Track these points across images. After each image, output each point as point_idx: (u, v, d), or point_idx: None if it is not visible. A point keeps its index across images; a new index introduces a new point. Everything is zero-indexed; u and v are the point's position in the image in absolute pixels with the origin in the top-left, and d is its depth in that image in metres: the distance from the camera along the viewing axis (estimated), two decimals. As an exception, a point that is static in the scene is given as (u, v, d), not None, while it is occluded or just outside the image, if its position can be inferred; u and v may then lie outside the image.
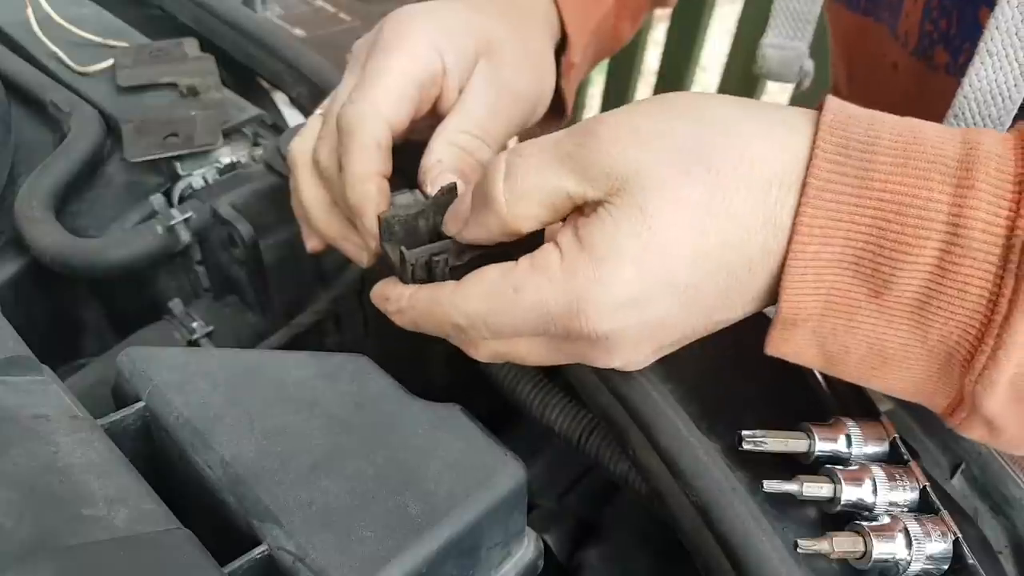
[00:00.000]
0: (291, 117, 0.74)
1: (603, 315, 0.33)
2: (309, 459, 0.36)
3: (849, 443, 0.37)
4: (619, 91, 1.84)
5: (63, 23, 0.68)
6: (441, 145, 0.44)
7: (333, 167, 0.44)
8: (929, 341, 0.32)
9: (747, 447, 0.36)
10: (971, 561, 0.34)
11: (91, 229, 0.58)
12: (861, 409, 0.40)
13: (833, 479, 0.35)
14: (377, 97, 0.43)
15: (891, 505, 0.35)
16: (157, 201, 0.58)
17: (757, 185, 0.32)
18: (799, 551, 0.34)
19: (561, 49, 0.55)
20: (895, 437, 0.37)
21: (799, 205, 0.31)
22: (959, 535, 0.34)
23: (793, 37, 0.61)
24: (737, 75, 1.67)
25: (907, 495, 0.36)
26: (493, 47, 0.47)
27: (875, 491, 0.35)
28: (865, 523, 0.34)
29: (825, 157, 0.31)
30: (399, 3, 0.48)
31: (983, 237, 0.29)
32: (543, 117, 0.52)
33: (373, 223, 0.41)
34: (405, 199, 0.43)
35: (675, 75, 1.75)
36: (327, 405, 0.38)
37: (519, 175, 0.35)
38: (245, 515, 0.34)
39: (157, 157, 0.59)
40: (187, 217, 0.57)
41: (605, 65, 1.85)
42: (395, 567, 0.32)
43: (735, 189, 0.32)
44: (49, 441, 0.32)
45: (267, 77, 0.72)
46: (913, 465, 0.37)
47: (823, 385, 0.42)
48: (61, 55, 0.67)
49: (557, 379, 0.48)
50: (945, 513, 0.35)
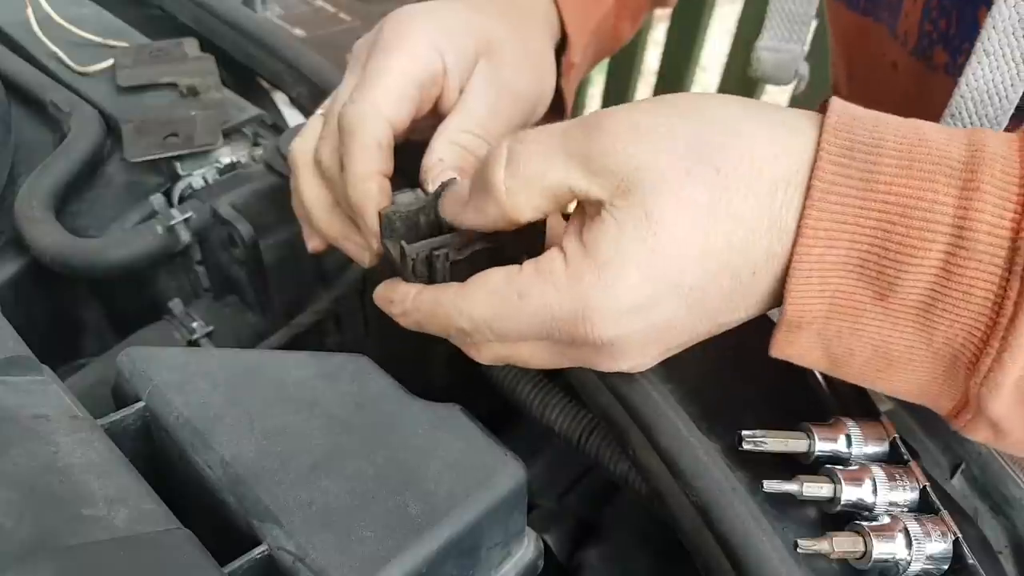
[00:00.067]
0: (291, 117, 0.74)
1: (608, 321, 0.33)
2: (309, 459, 0.36)
3: (849, 443, 0.37)
4: (619, 91, 1.84)
5: (63, 23, 0.68)
6: (442, 144, 0.44)
7: (335, 167, 0.44)
8: (934, 343, 0.31)
9: (747, 447, 0.36)
10: (971, 561, 0.34)
11: (91, 229, 0.58)
12: (861, 409, 0.40)
13: (833, 479, 0.35)
14: (378, 97, 0.43)
15: (891, 505, 0.35)
16: (157, 201, 0.58)
17: (761, 187, 0.32)
18: (799, 551, 0.34)
19: (561, 49, 0.55)
20: (895, 437, 0.37)
21: (804, 208, 0.31)
22: (959, 535, 0.34)
23: (788, 39, 0.60)
24: (737, 76, 1.67)
25: (907, 495, 0.36)
26: (493, 47, 0.47)
27: (875, 491, 0.35)
28: (865, 523, 0.34)
29: (830, 159, 0.31)
30: (399, 3, 0.48)
31: (988, 239, 0.29)
32: (543, 117, 0.52)
33: (374, 222, 0.41)
34: (406, 198, 0.43)
35: (675, 75, 1.75)
36: (327, 405, 0.38)
37: (521, 163, 0.34)
38: (245, 515, 0.34)
39: (157, 157, 0.59)
40: (187, 217, 0.57)
41: (605, 65, 1.85)
42: (395, 567, 0.32)
43: (739, 191, 0.32)
44: (49, 441, 0.32)
45: (267, 77, 0.72)
46: (913, 465, 0.37)
47: (823, 385, 0.42)
48: (61, 55, 0.67)
49: (557, 379, 0.48)
50: (945, 513, 0.35)
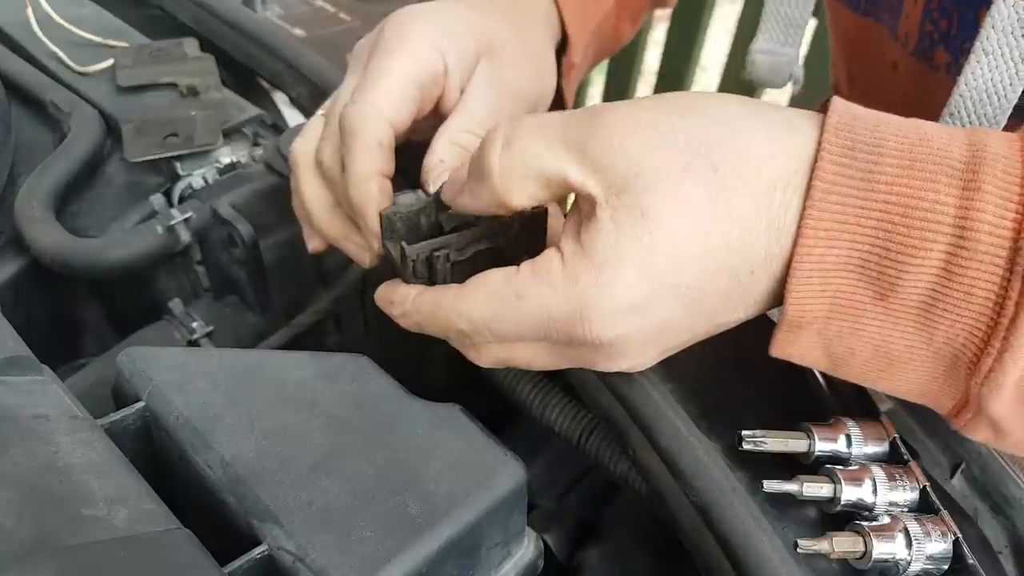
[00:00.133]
0: (291, 117, 0.74)
1: (606, 321, 0.33)
2: (309, 459, 0.36)
3: (849, 443, 0.37)
4: (619, 91, 1.84)
5: (63, 23, 0.68)
6: (443, 145, 0.44)
7: (336, 167, 0.44)
8: (935, 343, 0.31)
9: (747, 447, 0.36)
10: (971, 561, 0.34)
11: (91, 229, 0.58)
12: (861, 409, 0.40)
13: (833, 479, 0.35)
14: (379, 97, 0.43)
15: (891, 505, 0.35)
16: (157, 201, 0.58)
17: (759, 187, 0.32)
18: (799, 551, 0.34)
19: (562, 49, 0.55)
20: (895, 437, 0.37)
21: (804, 208, 0.31)
22: (959, 535, 0.34)
23: (784, 43, 0.60)
24: (736, 76, 1.67)
25: (907, 495, 0.36)
26: (494, 47, 0.47)
27: (875, 491, 0.35)
28: (865, 523, 0.34)
29: (831, 159, 0.31)
30: (400, 3, 0.48)
31: (990, 240, 0.29)
32: (543, 117, 0.52)
33: (375, 223, 0.41)
34: (408, 199, 0.43)
35: (675, 75, 1.75)
36: (327, 405, 0.38)
37: (516, 147, 0.34)
38: (245, 515, 0.34)
39: (157, 157, 0.59)
40: (187, 217, 0.57)
41: (605, 65, 1.85)
42: (395, 567, 0.32)
43: (736, 190, 0.32)
44: (49, 441, 0.32)
45: (267, 77, 0.72)
46: (913, 465, 0.37)
47: (823, 385, 0.42)
48: (61, 55, 0.67)
49: (557, 379, 0.48)
50: (945, 513, 0.35)
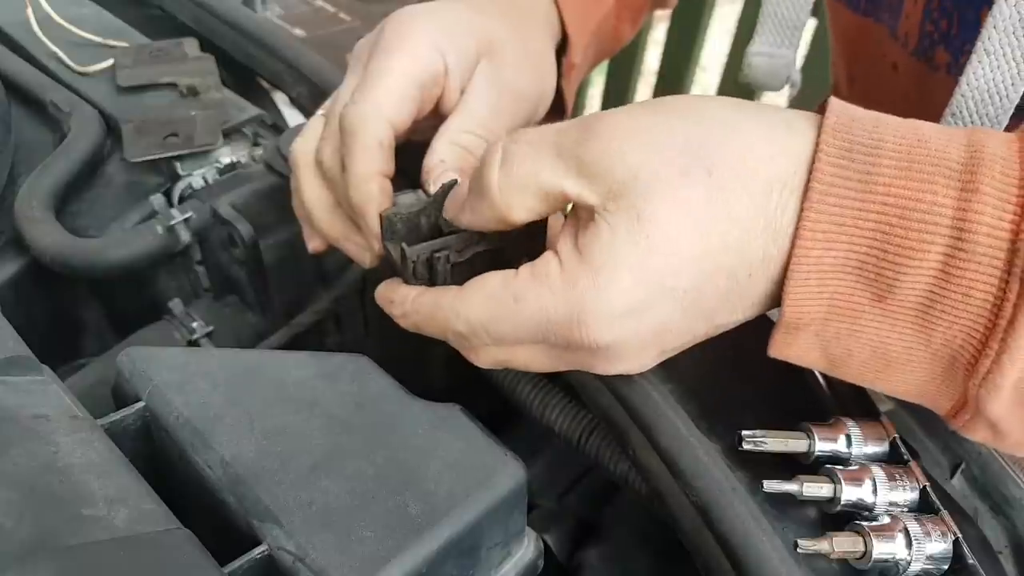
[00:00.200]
0: (291, 117, 0.74)
1: (603, 325, 0.33)
2: (309, 459, 0.36)
3: (849, 443, 0.37)
4: (619, 91, 1.84)
5: (63, 23, 0.68)
6: (444, 145, 0.44)
7: (336, 167, 0.44)
8: (933, 345, 0.31)
9: (747, 447, 0.36)
10: (971, 561, 0.34)
11: (91, 229, 0.58)
12: (861, 409, 0.40)
13: (833, 479, 0.35)
14: (379, 97, 0.43)
15: (891, 505, 0.35)
16: (157, 201, 0.58)
17: (757, 188, 0.32)
18: (799, 551, 0.34)
19: (562, 50, 0.55)
20: (895, 437, 0.37)
21: (802, 209, 0.31)
22: (959, 535, 0.34)
23: (781, 44, 0.60)
24: (736, 77, 1.67)
25: (907, 495, 0.36)
26: (494, 47, 0.47)
27: (875, 491, 0.35)
28: (865, 523, 0.34)
29: (828, 160, 0.31)
30: (400, 3, 0.49)
31: (988, 241, 0.29)
32: (544, 117, 0.52)
33: (376, 223, 0.41)
34: (408, 199, 0.43)
35: (675, 75, 1.75)
36: (327, 405, 0.38)
37: (515, 164, 0.34)
38: (245, 515, 0.34)
39: (157, 157, 0.59)
40: (187, 217, 0.57)
41: (605, 65, 1.85)
42: (395, 567, 0.32)
43: (735, 192, 0.32)
44: (49, 441, 0.32)
45: (267, 77, 0.72)
46: (913, 465, 0.37)
47: (823, 385, 0.42)
48: (61, 55, 0.67)
49: (557, 379, 0.48)
50: (945, 513, 0.35)
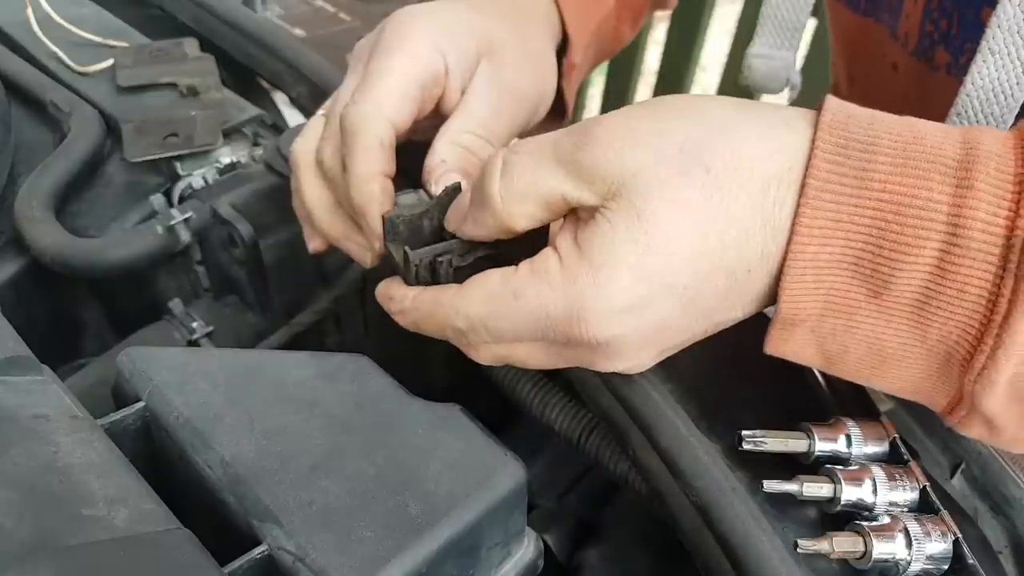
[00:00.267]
0: (291, 117, 0.74)
1: (602, 321, 0.33)
2: (309, 459, 0.36)
3: (849, 443, 0.37)
4: (619, 91, 1.84)
5: (63, 23, 0.68)
6: (445, 145, 0.44)
7: (336, 167, 0.44)
8: (928, 341, 0.32)
9: (747, 447, 0.36)
10: (971, 561, 0.34)
11: (91, 229, 0.58)
12: (861, 409, 0.40)
13: (833, 479, 0.35)
14: (380, 97, 0.43)
15: (891, 505, 0.35)
16: (157, 201, 0.58)
17: (755, 186, 0.32)
18: (799, 551, 0.34)
19: (562, 50, 0.55)
20: (895, 437, 0.37)
21: (798, 205, 0.31)
22: (959, 535, 0.34)
23: (781, 46, 0.60)
24: (736, 76, 1.67)
25: (907, 495, 0.36)
26: (495, 47, 0.47)
27: (875, 491, 0.35)
28: (865, 523, 0.34)
29: (824, 157, 0.31)
30: (400, 3, 0.49)
31: (983, 237, 0.29)
32: (544, 118, 0.53)
33: (377, 223, 0.41)
34: (409, 199, 0.43)
35: (675, 75, 1.75)
36: (327, 405, 0.38)
37: (515, 174, 0.35)
38: (245, 515, 0.34)
39: (157, 157, 0.59)
40: (187, 217, 0.57)
41: (605, 65, 1.85)
42: (395, 567, 0.32)
43: (731, 190, 0.32)
44: (49, 441, 0.32)
45: (267, 77, 0.72)
46: (913, 465, 0.37)
47: (823, 385, 0.42)
48: (61, 55, 0.67)
49: (557, 379, 0.48)
50: (945, 513, 0.35)
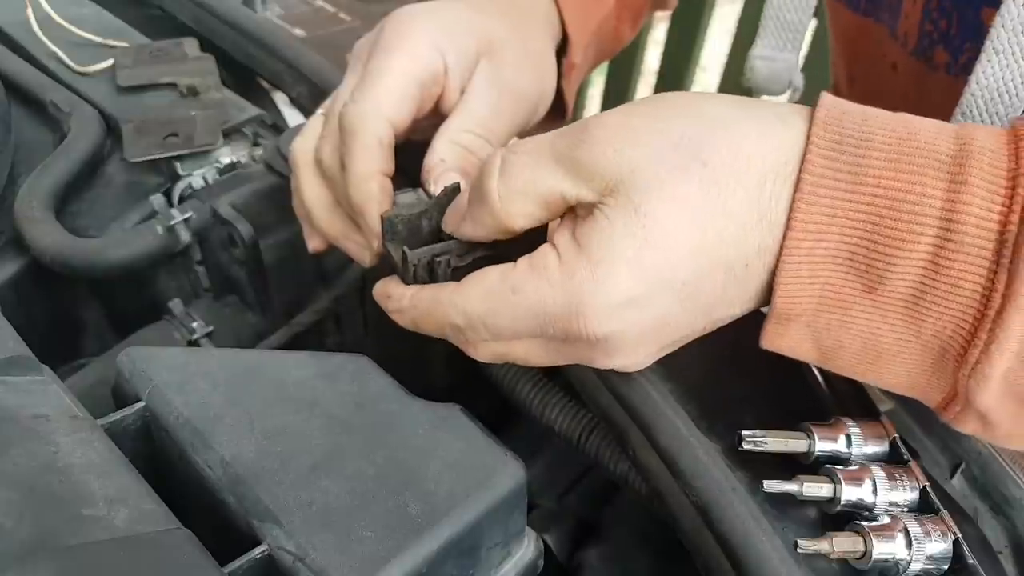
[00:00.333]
0: (291, 117, 0.74)
1: (601, 317, 0.33)
2: (309, 459, 0.36)
3: (849, 443, 0.37)
4: (619, 91, 1.84)
5: (63, 23, 0.68)
6: (444, 144, 0.44)
7: (335, 166, 0.44)
8: (923, 336, 0.32)
9: (747, 447, 0.36)
10: (971, 561, 0.34)
11: (91, 229, 0.58)
12: (861, 409, 0.40)
13: (833, 479, 0.35)
14: (379, 96, 0.43)
15: (891, 505, 0.35)
16: (157, 201, 0.58)
17: (752, 181, 0.32)
18: (799, 551, 0.34)
19: (562, 50, 0.55)
20: (895, 437, 0.37)
21: (793, 200, 0.31)
22: (959, 535, 0.34)
23: (783, 48, 0.60)
24: (736, 78, 1.67)
25: (907, 495, 0.36)
26: (494, 47, 0.47)
27: (875, 491, 0.35)
28: (865, 523, 0.34)
29: (819, 152, 0.31)
30: (399, 3, 0.49)
31: (976, 232, 0.29)
32: (544, 118, 0.53)
33: (376, 222, 0.41)
34: (408, 198, 0.43)
35: (675, 75, 1.75)
36: (327, 405, 0.38)
37: (514, 173, 0.35)
38: (245, 515, 0.34)
39: (157, 157, 0.59)
40: (187, 217, 0.57)
41: (605, 65, 1.85)
42: (395, 567, 0.32)
43: (728, 185, 0.32)
44: (49, 441, 0.32)
45: (267, 77, 0.72)
46: (913, 465, 0.37)
47: (823, 385, 0.42)
48: (61, 55, 0.67)
49: (557, 378, 0.48)
50: (945, 513, 0.35)
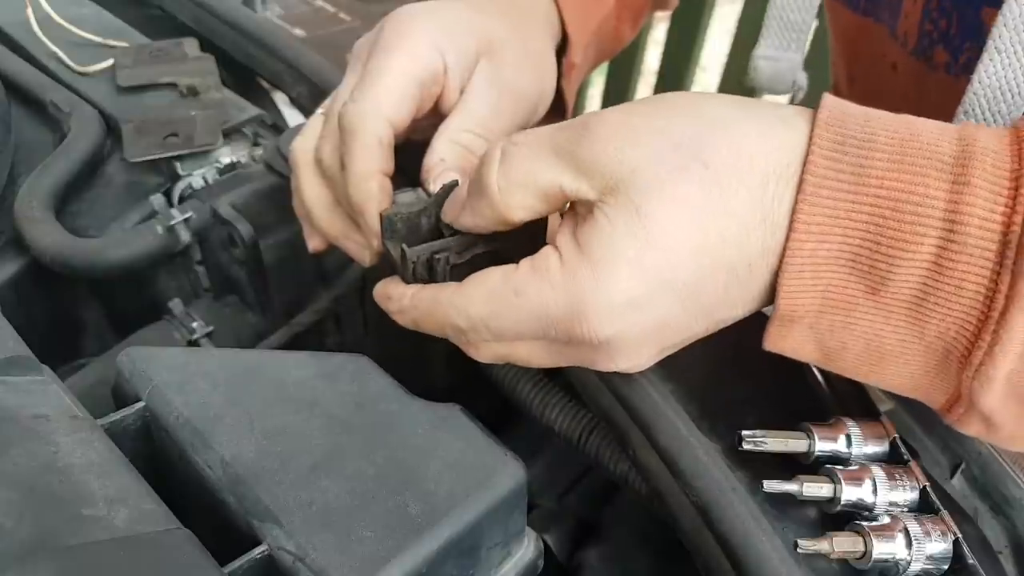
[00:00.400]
0: (291, 117, 0.74)
1: (603, 318, 0.33)
2: (309, 459, 0.36)
3: (849, 443, 0.37)
4: (619, 91, 1.84)
5: (63, 23, 0.68)
6: (443, 144, 0.44)
7: (335, 166, 0.44)
8: (926, 337, 0.32)
9: (747, 447, 0.36)
10: (971, 561, 0.34)
11: (91, 229, 0.58)
12: (861, 409, 0.40)
13: (833, 479, 0.35)
14: (379, 96, 0.43)
15: (891, 505, 0.35)
16: (157, 201, 0.58)
17: (754, 182, 0.32)
18: (799, 551, 0.34)
19: (562, 50, 0.55)
20: (895, 437, 0.37)
21: (796, 202, 0.31)
22: (959, 535, 0.34)
23: (787, 48, 0.60)
24: (736, 78, 1.67)
25: (907, 495, 0.36)
26: (494, 47, 0.47)
27: (875, 491, 0.35)
28: (865, 523, 0.34)
29: (821, 153, 0.31)
30: (399, 3, 0.48)
31: (979, 233, 0.29)
32: (544, 117, 0.52)
33: (375, 221, 0.41)
34: (407, 197, 0.43)
35: (675, 75, 1.75)
36: (327, 405, 0.38)
37: (514, 164, 0.35)
38: (245, 515, 0.34)
39: (157, 157, 0.59)
40: (187, 217, 0.57)
41: (605, 65, 1.85)
42: (395, 567, 0.32)
43: (730, 185, 0.32)
44: (49, 441, 0.32)
45: (267, 77, 0.72)
46: (913, 465, 0.37)
47: (823, 385, 0.42)
48: (61, 55, 0.67)
49: (557, 378, 0.48)
50: (945, 513, 0.35)
